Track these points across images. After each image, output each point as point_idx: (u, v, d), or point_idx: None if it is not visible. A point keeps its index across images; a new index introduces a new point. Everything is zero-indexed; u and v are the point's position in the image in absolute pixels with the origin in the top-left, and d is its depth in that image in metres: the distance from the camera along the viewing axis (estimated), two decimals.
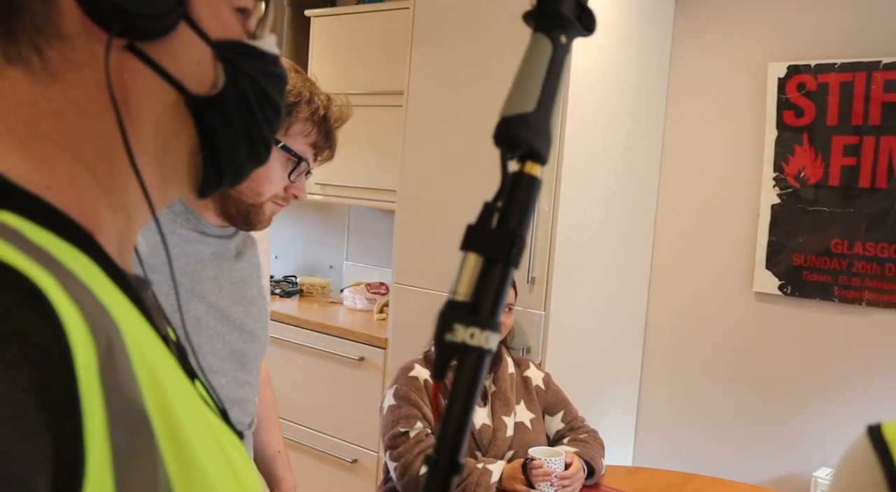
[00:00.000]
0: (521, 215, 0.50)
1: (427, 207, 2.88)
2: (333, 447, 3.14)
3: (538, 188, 0.51)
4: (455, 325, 0.47)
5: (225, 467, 0.49)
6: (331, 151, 1.37)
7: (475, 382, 0.47)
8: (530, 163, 0.51)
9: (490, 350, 0.48)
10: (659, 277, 2.99)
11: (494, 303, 0.48)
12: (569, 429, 2.35)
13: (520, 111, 0.51)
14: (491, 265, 0.48)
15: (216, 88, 0.53)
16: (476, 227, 0.49)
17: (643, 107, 2.87)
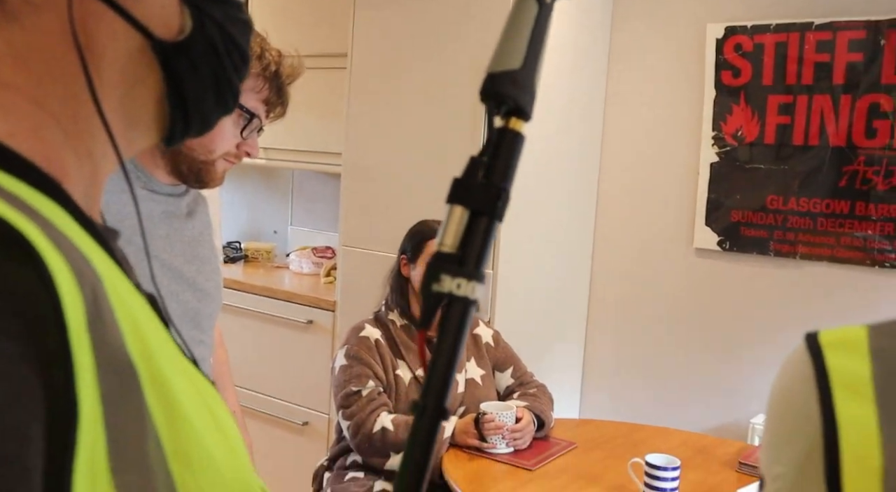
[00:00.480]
0: (506, 169, 0.51)
1: (373, 170, 2.87)
2: (284, 411, 3.15)
3: (522, 144, 0.52)
4: (442, 275, 0.48)
5: (205, 413, 0.50)
6: (283, 108, 1.36)
7: (461, 330, 0.48)
8: (515, 119, 0.52)
9: (476, 300, 0.49)
10: (603, 234, 3.05)
11: (480, 255, 0.49)
12: (518, 384, 2.40)
13: (506, 68, 0.52)
14: (477, 218, 0.49)
15: (183, 33, 0.52)
16: (462, 180, 0.50)
17: (585, 69, 2.90)
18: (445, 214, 0.50)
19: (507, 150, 0.51)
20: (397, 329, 2.32)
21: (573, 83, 2.84)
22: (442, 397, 0.48)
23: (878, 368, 0.49)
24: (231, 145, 1.30)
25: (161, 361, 0.46)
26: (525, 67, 0.52)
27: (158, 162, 1.29)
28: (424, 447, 0.47)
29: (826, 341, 0.54)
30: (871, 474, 0.49)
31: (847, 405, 0.48)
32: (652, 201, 2.94)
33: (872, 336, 0.52)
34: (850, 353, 0.51)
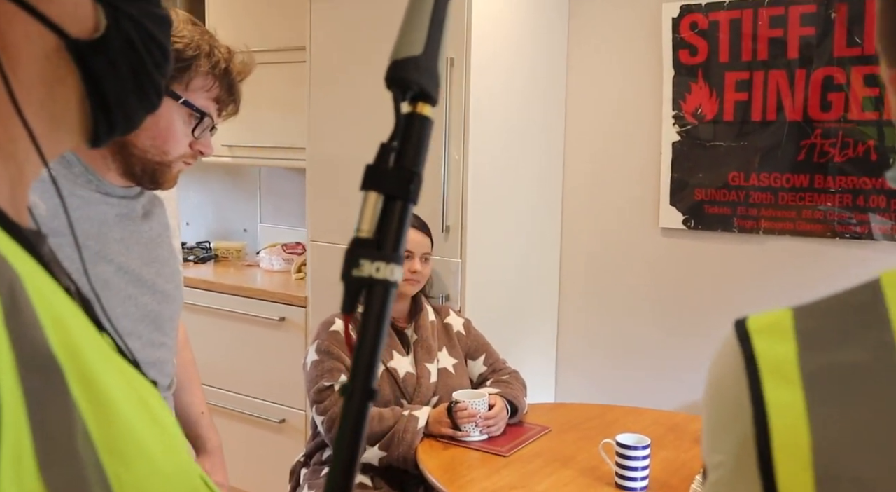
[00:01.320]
0: (417, 153, 0.52)
1: (337, 163, 2.86)
2: (260, 409, 3.14)
3: (430, 127, 0.54)
4: (361, 260, 0.49)
5: (143, 411, 0.50)
6: (235, 105, 1.35)
7: (384, 312, 0.49)
8: (422, 103, 0.53)
9: (395, 282, 0.50)
10: (570, 218, 3.07)
11: (397, 238, 0.50)
12: (491, 371, 2.41)
13: (409, 54, 0.53)
14: (391, 202, 0.51)
15: (98, 31, 0.52)
16: (375, 166, 0.52)
17: (545, 53, 2.91)
18: (361, 200, 0.51)
19: (416, 134, 0.52)
20: None
21: (533, 67, 2.85)
22: (369, 378, 0.49)
23: (804, 350, 0.50)
24: (184, 146, 1.29)
25: (89, 358, 0.46)
26: (427, 53, 0.53)
27: (110, 164, 1.27)
28: (355, 429, 0.48)
29: (753, 327, 0.54)
30: (802, 458, 0.49)
31: (775, 391, 0.49)
32: (617, 183, 2.96)
33: (797, 318, 0.52)
34: (776, 337, 0.51)
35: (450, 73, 2.55)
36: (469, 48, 2.53)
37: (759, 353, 0.53)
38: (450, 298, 2.64)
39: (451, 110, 2.57)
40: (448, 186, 2.60)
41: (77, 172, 1.24)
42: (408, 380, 2.27)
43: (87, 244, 1.22)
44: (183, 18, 1.29)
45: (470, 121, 2.57)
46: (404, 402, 2.26)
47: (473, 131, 2.58)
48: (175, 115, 1.26)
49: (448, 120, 2.57)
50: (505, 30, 2.69)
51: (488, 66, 2.61)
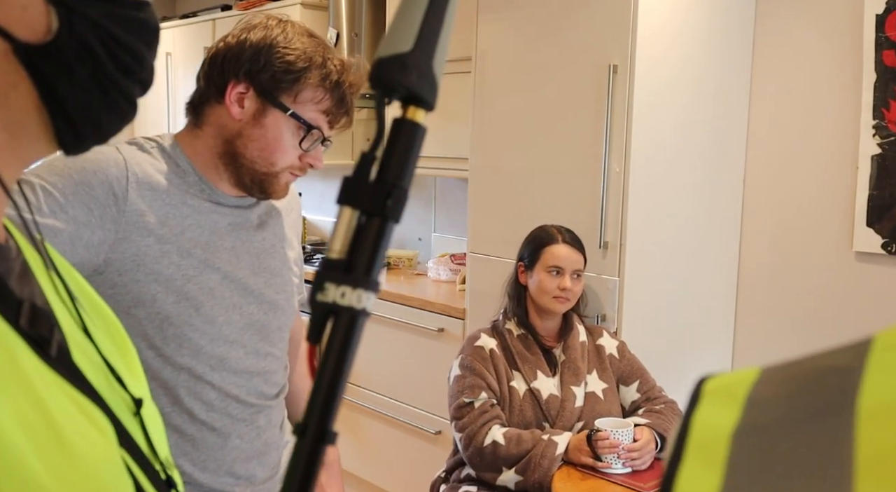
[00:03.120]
0: (402, 165, 0.46)
1: (498, 174, 2.81)
2: (417, 419, 3.15)
3: (421, 135, 0.48)
4: (326, 284, 0.45)
5: (46, 439, 0.47)
6: (348, 118, 1.34)
7: (348, 344, 0.45)
8: (412, 108, 0.48)
9: (363, 310, 0.45)
10: (749, 239, 2.80)
11: (370, 260, 0.45)
12: (644, 399, 2.25)
13: (394, 51, 0.47)
14: (367, 220, 0.46)
15: (49, 35, 0.50)
16: (352, 179, 0.46)
17: (723, 57, 2.68)
18: (335, 216, 0.47)
19: (402, 143, 0.47)
20: (514, 339, 2.25)
21: (713, 71, 2.63)
22: (325, 418, 0.44)
23: (745, 420, 0.37)
24: (293, 158, 1.29)
25: None
26: (417, 49, 0.47)
27: (223, 174, 1.31)
28: (304, 474, 0.43)
29: (710, 388, 0.42)
30: None
31: (690, 472, 0.36)
32: (805, 200, 2.66)
33: (760, 380, 0.39)
34: (724, 402, 0.38)
35: (612, 81, 2.41)
36: (633, 54, 2.38)
37: (695, 422, 0.39)
38: (606, 318, 2.49)
39: (613, 120, 2.43)
40: (607, 200, 2.46)
41: (191, 182, 1.28)
42: (551, 402, 2.17)
43: (194, 252, 1.25)
44: (299, 30, 1.29)
45: (633, 131, 2.41)
46: (546, 425, 2.16)
47: (636, 143, 2.42)
48: (283, 126, 1.27)
49: (609, 130, 2.44)
50: (674, 32, 2.50)
51: (653, 73, 2.44)
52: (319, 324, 0.45)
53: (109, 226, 1.17)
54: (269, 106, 1.25)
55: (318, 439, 0.44)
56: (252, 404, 1.33)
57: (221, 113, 1.27)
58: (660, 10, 2.44)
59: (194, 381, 1.26)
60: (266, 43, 1.24)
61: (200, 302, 1.24)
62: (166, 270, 1.22)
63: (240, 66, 1.23)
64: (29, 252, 0.59)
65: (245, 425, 1.32)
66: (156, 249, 1.21)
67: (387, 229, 0.46)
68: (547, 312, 2.26)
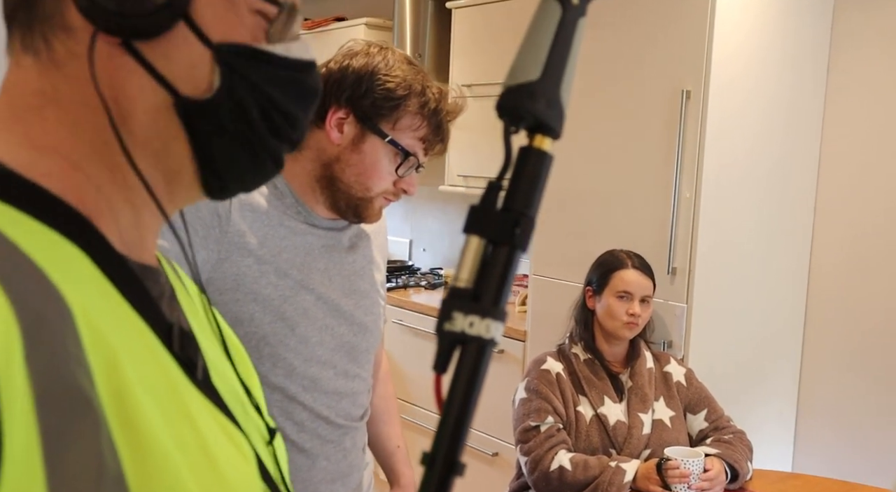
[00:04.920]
0: (529, 193, 0.47)
1: (564, 196, 2.81)
2: (474, 440, 3.15)
3: (548, 164, 0.48)
4: (454, 313, 0.44)
5: (200, 459, 0.48)
6: (443, 145, 1.35)
7: (476, 374, 0.44)
8: (539, 136, 0.48)
9: (491, 340, 0.45)
10: (820, 267, 2.75)
11: (498, 289, 0.45)
12: (712, 429, 2.22)
13: (523, 80, 0.48)
14: (494, 249, 0.46)
15: (210, 93, 0.52)
16: (479, 207, 0.47)
17: (798, 77, 2.64)
18: (462, 245, 0.47)
19: (529, 171, 0.48)
20: (580, 364, 2.24)
21: (785, 96, 2.60)
22: (454, 449, 0.44)
23: None
24: (388, 183, 1.31)
25: (141, 401, 0.45)
26: (545, 78, 0.48)
27: (319, 197, 1.33)
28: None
29: None
30: None
31: None
32: (878, 230, 2.61)
33: None
34: None
35: (684, 106, 2.40)
36: (707, 79, 2.37)
37: None
38: (672, 345, 2.47)
39: (685, 145, 2.42)
40: (677, 225, 2.44)
41: (288, 204, 1.30)
42: (618, 429, 2.15)
43: (290, 273, 1.28)
44: (399, 58, 1.31)
45: (704, 157, 2.40)
46: (613, 451, 2.14)
47: (707, 168, 2.40)
48: (381, 152, 1.28)
49: (680, 156, 2.42)
50: (748, 59, 2.48)
51: (726, 98, 2.43)
52: (446, 353, 0.45)
53: (213, 246, 1.20)
54: (368, 132, 1.27)
55: (447, 470, 0.44)
56: (340, 425, 1.34)
57: (321, 137, 1.29)
58: (734, 36, 2.43)
59: (287, 401, 1.27)
60: (368, 70, 1.26)
61: (296, 322, 1.27)
62: (264, 290, 1.24)
63: (342, 92, 1.26)
64: (173, 278, 0.61)
65: (332, 447, 1.34)
66: (255, 269, 1.24)
67: (515, 258, 0.46)
68: (614, 337, 2.24)
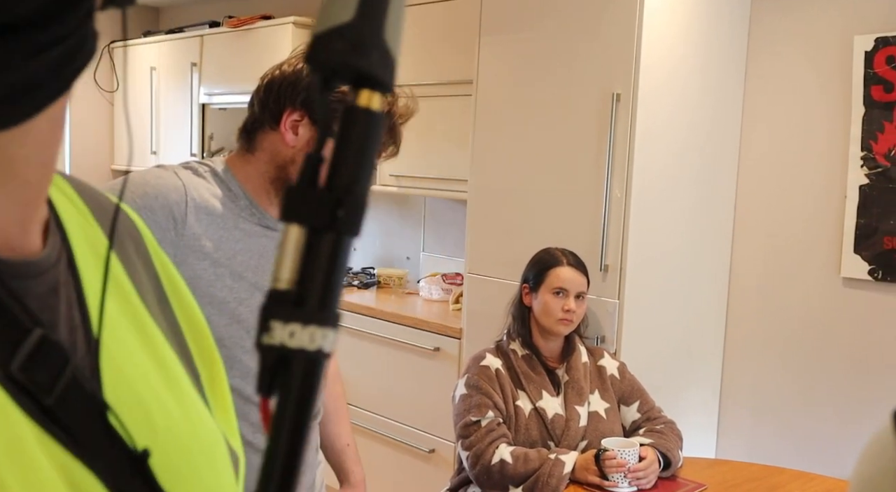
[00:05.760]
0: (355, 165, 0.37)
1: (498, 196, 2.86)
2: (411, 437, 3.17)
3: (378, 125, 0.38)
4: (272, 322, 0.36)
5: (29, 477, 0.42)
6: (395, 147, 1.37)
7: (304, 395, 0.35)
8: (366, 92, 0.38)
9: (319, 352, 0.36)
10: (740, 262, 2.89)
11: (325, 288, 0.36)
12: (645, 419, 2.31)
13: (334, 23, 0.37)
14: (318, 237, 0.37)
15: None
16: (295, 188, 0.37)
17: (718, 88, 2.77)
18: (280, 237, 0.38)
19: (355, 138, 0.37)
20: (518, 359, 2.29)
21: (703, 102, 2.72)
22: (287, 485, 0.35)
23: None
24: None
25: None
26: (362, 17, 0.37)
27: (272, 199, 1.33)
28: None
29: None
30: None
31: None
32: (794, 226, 2.76)
33: None
34: None
35: (615, 109, 2.49)
36: (636, 83, 2.46)
37: None
38: (605, 339, 2.55)
39: (615, 146, 2.50)
40: (608, 223, 2.53)
41: (242, 206, 1.31)
42: (556, 422, 2.21)
43: (245, 275, 1.28)
44: None
45: (634, 158, 2.49)
46: (551, 444, 2.20)
47: (637, 168, 2.50)
48: None
49: (611, 156, 2.51)
50: (674, 63, 2.59)
51: (654, 101, 2.53)
52: (269, 372, 0.36)
53: (169, 249, 1.19)
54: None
55: None
56: None
57: (275, 139, 1.30)
58: (661, 41, 2.53)
59: (243, 402, 1.27)
60: None
61: (251, 324, 1.27)
62: (220, 293, 1.24)
63: (296, 94, 1.27)
64: (85, 264, 0.52)
65: None
66: (210, 272, 1.24)
67: (342, 247, 0.37)
68: (550, 333, 2.31)
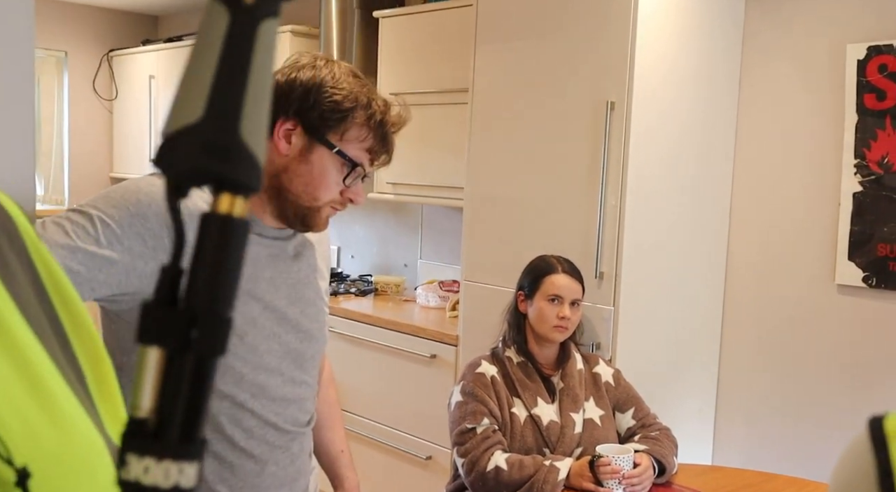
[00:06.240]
0: (213, 279, 0.34)
1: (494, 203, 2.87)
2: (408, 444, 3.18)
3: (241, 233, 0.35)
4: (127, 456, 0.33)
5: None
6: (388, 156, 1.38)
7: None
8: (226, 197, 0.35)
9: (176, 489, 0.33)
10: (735, 269, 2.91)
11: (186, 417, 0.33)
12: (640, 426, 2.31)
13: (182, 124, 0.35)
14: (176, 361, 0.34)
15: None
16: (151, 307, 0.34)
17: (712, 96, 2.79)
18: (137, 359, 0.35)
19: (214, 249, 0.34)
20: (514, 366, 2.30)
21: (697, 110, 2.74)
22: None
23: None
24: (335, 193, 1.33)
25: None
26: (213, 115, 0.35)
27: (266, 207, 1.34)
28: None
29: (893, 429, 0.46)
30: None
31: None
32: (789, 233, 2.77)
33: None
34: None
35: (609, 117, 2.50)
36: (630, 91, 2.48)
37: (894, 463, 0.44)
38: (600, 346, 2.56)
39: (610, 154, 2.52)
40: (603, 231, 2.54)
41: None
42: (551, 428, 2.22)
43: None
44: (344, 70, 1.33)
45: (629, 165, 2.50)
46: (547, 451, 2.20)
47: (632, 176, 2.51)
48: (328, 163, 1.31)
49: (606, 164, 2.52)
50: (668, 71, 2.61)
51: (647, 109, 2.54)
52: None
53: (162, 256, 1.20)
54: (315, 143, 1.29)
55: None
56: (288, 431, 1.36)
57: (268, 148, 1.31)
58: (654, 50, 2.54)
59: (236, 408, 1.28)
60: (315, 82, 1.28)
61: (244, 331, 1.28)
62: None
63: (289, 104, 1.28)
64: None
65: (281, 452, 1.35)
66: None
67: (204, 369, 0.34)
68: (546, 340, 2.31)
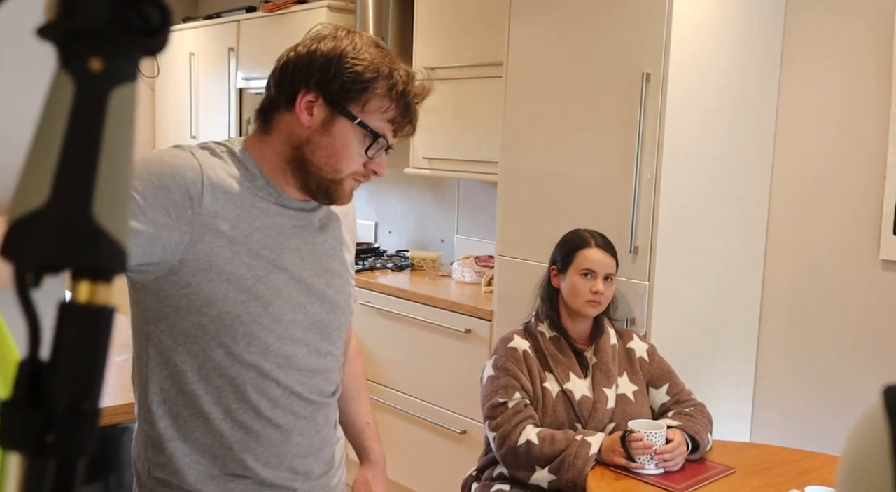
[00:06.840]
0: (72, 375, 0.31)
1: (528, 178, 2.85)
2: (443, 418, 3.20)
3: (106, 323, 0.32)
4: None
5: None
6: (411, 127, 1.37)
7: None
8: (85, 284, 0.32)
9: None
10: (775, 244, 2.84)
11: None
12: (674, 402, 2.29)
13: (27, 208, 0.32)
14: (36, 466, 0.31)
15: None
16: (9, 407, 0.32)
17: (753, 66, 2.71)
18: None
19: (71, 341, 0.31)
20: (546, 341, 2.29)
21: (738, 81, 2.67)
22: None
23: None
24: (358, 165, 1.33)
25: None
26: (59, 199, 0.31)
27: (289, 179, 1.34)
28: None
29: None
30: None
31: None
32: (832, 208, 2.70)
33: None
34: None
35: (644, 89, 2.45)
36: (666, 63, 2.42)
37: None
38: (635, 322, 2.53)
39: (645, 127, 2.47)
40: (638, 205, 2.50)
41: (259, 185, 1.32)
42: (584, 403, 2.21)
43: (263, 253, 1.30)
44: (366, 41, 1.32)
45: (664, 138, 2.45)
46: (578, 426, 2.20)
47: (667, 149, 2.46)
48: (350, 134, 1.30)
49: (641, 137, 2.48)
50: (706, 41, 2.54)
51: (684, 81, 2.48)
52: None
53: (185, 228, 1.22)
54: (337, 114, 1.29)
55: None
56: (313, 401, 1.37)
57: (291, 120, 1.31)
58: (690, 20, 2.48)
59: (261, 378, 1.30)
60: (336, 53, 1.27)
61: (269, 301, 1.29)
62: (237, 271, 1.26)
63: (310, 75, 1.27)
64: None
65: (306, 422, 1.37)
66: (227, 250, 1.26)
67: (70, 472, 0.31)
68: (579, 314, 2.30)
